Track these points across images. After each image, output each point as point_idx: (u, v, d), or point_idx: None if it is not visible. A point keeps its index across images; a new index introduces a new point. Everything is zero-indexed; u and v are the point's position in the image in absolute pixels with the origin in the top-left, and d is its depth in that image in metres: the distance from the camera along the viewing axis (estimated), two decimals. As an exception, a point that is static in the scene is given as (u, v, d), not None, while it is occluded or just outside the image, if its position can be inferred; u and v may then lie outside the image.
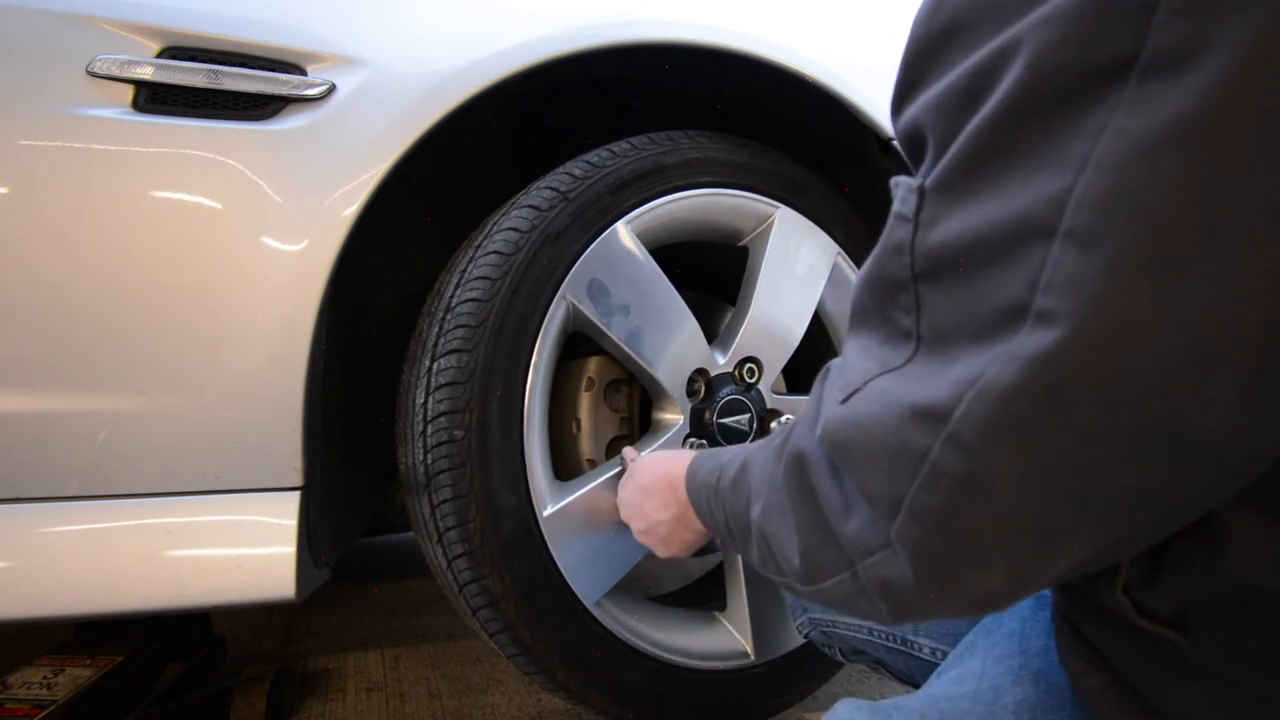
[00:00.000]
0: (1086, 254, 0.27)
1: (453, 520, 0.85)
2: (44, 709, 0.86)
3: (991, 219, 0.30)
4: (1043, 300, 0.28)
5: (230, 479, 0.80)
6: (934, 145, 0.33)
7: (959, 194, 0.32)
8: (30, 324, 0.75)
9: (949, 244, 0.32)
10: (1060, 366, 0.28)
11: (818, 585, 0.43)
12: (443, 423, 0.85)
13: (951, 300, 0.32)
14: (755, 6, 1.03)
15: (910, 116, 0.35)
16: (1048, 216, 0.28)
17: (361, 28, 0.86)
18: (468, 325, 0.87)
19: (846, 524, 0.38)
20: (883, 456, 0.34)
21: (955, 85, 0.32)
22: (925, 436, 0.32)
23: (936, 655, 0.68)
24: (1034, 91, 0.28)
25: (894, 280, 0.35)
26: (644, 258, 0.97)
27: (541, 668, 0.90)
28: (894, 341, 0.36)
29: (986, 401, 0.29)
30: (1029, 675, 0.49)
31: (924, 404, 0.32)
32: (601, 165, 0.95)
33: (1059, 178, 0.28)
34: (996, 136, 0.30)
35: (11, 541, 0.75)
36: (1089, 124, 0.27)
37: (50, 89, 0.76)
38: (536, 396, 0.91)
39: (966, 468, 0.30)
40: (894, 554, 0.35)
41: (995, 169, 0.30)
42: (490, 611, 0.87)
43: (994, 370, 0.29)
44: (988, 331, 0.30)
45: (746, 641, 1.02)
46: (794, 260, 1.07)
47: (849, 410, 0.37)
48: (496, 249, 0.90)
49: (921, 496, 0.32)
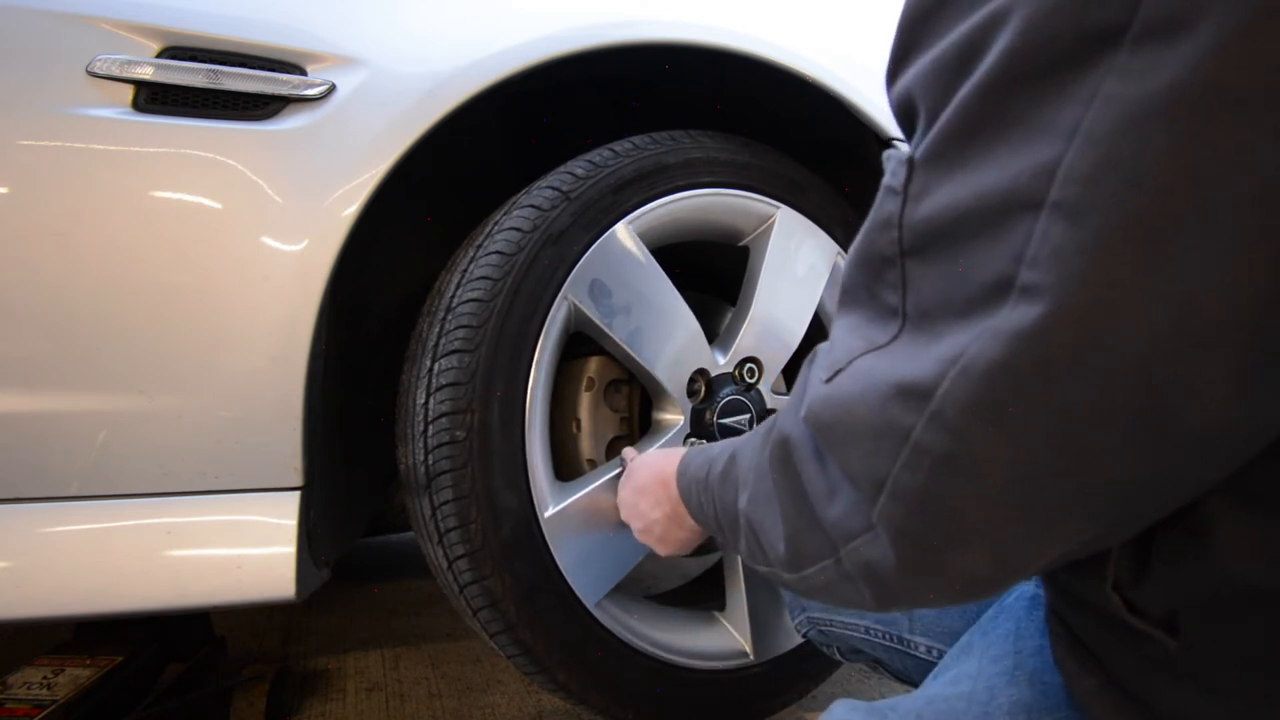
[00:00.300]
0: (1074, 226, 0.26)
1: (454, 521, 0.85)
2: (44, 709, 0.86)
3: (980, 190, 0.29)
4: (1028, 274, 0.27)
5: (230, 479, 0.80)
6: (925, 115, 0.33)
7: (948, 165, 0.31)
8: (30, 324, 0.75)
9: (937, 217, 0.31)
10: (1045, 342, 0.27)
11: (802, 573, 0.42)
12: (444, 423, 0.85)
13: (938, 275, 0.32)
14: (755, 6, 1.03)
15: (902, 86, 0.34)
16: (1036, 188, 0.27)
17: (361, 28, 0.86)
18: (469, 325, 0.87)
19: (830, 508, 0.38)
20: (866, 436, 0.33)
21: (946, 53, 0.31)
22: (908, 415, 0.31)
23: (933, 654, 0.68)
24: (1025, 59, 0.28)
25: (882, 256, 0.34)
26: (645, 258, 0.97)
27: (542, 668, 0.90)
28: (880, 319, 0.35)
29: (970, 379, 0.29)
30: (1024, 676, 0.49)
31: (908, 382, 0.31)
32: (603, 165, 0.95)
33: (1048, 148, 0.27)
34: (986, 105, 0.29)
35: (11, 541, 0.75)
36: (1080, 92, 0.26)
37: (50, 89, 0.76)
38: (538, 397, 0.91)
39: (949, 447, 0.30)
40: (876, 536, 0.35)
41: (985, 139, 0.29)
42: (491, 612, 0.87)
43: (977, 347, 0.29)
44: (972, 307, 0.30)
45: (746, 641, 1.02)
46: (794, 260, 1.07)
47: (833, 389, 0.36)
48: (498, 249, 0.89)
49: (904, 476, 0.32)
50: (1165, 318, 0.25)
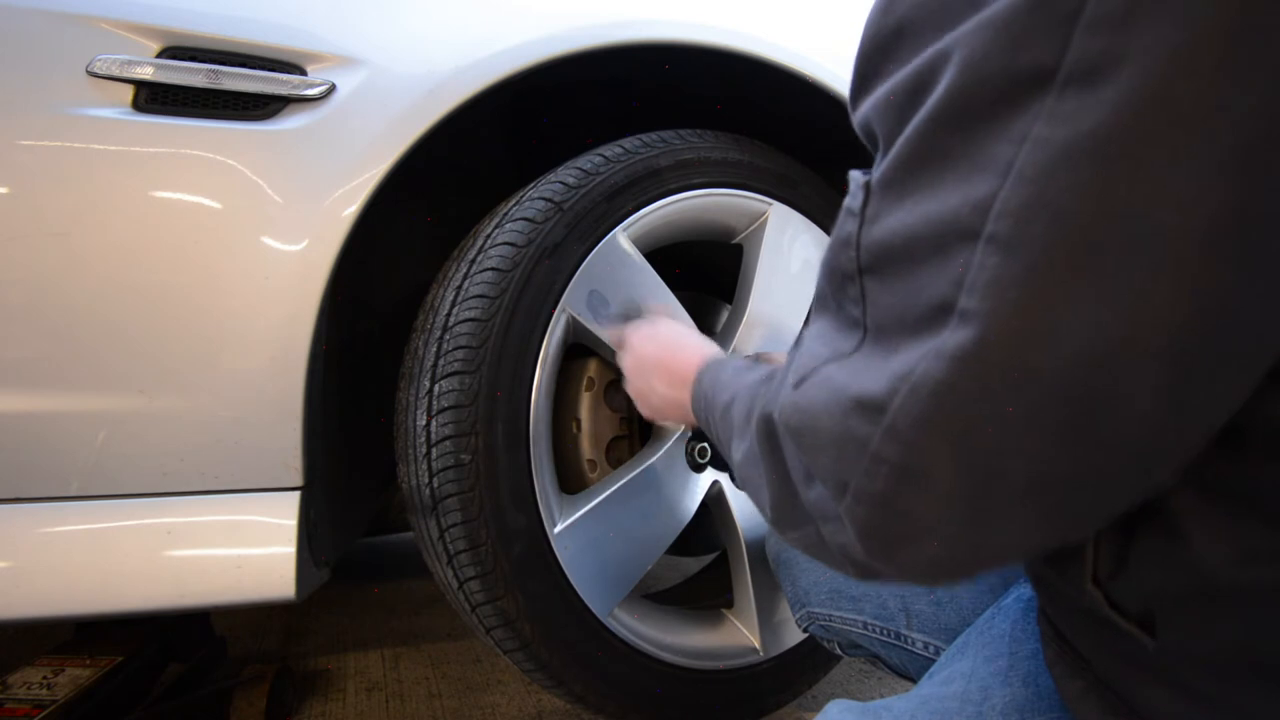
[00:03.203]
0: (1006, 259, 0.28)
1: (463, 544, 0.85)
2: (44, 709, 0.86)
3: (927, 218, 0.31)
4: (965, 300, 0.29)
5: (230, 479, 0.80)
6: (882, 142, 0.35)
7: (899, 193, 0.33)
8: (30, 324, 0.75)
9: (888, 240, 0.33)
10: (980, 364, 0.29)
11: (787, 534, 0.45)
12: (448, 446, 0.84)
13: (892, 294, 0.34)
14: (755, 7, 1.03)
15: (862, 113, 0.36)
16: (973, 220, 0.29)
17: (361, 27, 0.86)
18: (468, 346, 0.86)
19: (808, 491, 0.40)
20: (830, 444, 0.36)
21: (899, 86, 0.33)
22: (866, 426, 0.33)
23: (930, 650, 0.69)
24: (965, 97, 0.29)
25: (843, 272, 0.37)
26: (641, 265, 0.96)
27: (559, 682, 0.90)
28: (846, 329, 0.37)
29: (919, 396, 0.31)
30: (1018, 676, 0.49)
31: (865, 396, 0.34)
32: (594, 172, 0.94)
33: (986, 183, 0.29)
34: (932, 139, 0.31)
35: (12, 541, 0.75)
36: (1013, 132, 0.28)
37: (50, 89, 0.76)
38: (542, 413, 0.90)
39: (903, 457, 0.32)
40: (844, 527, 0.37)
41: (932, 170, 0.31)
42: (505, 631, 0.87)
43: (924, 366, 0.31)
44: (921, 327, 0.32)
45: (755, 638, 1.03)
46: (789, 256, 1.07)
47: (800, 396, 0.39)
48: (493, 265, 0.88)
49: (864, 482, 0.34)
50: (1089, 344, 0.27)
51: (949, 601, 0.67)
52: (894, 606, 0.71)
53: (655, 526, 0.97)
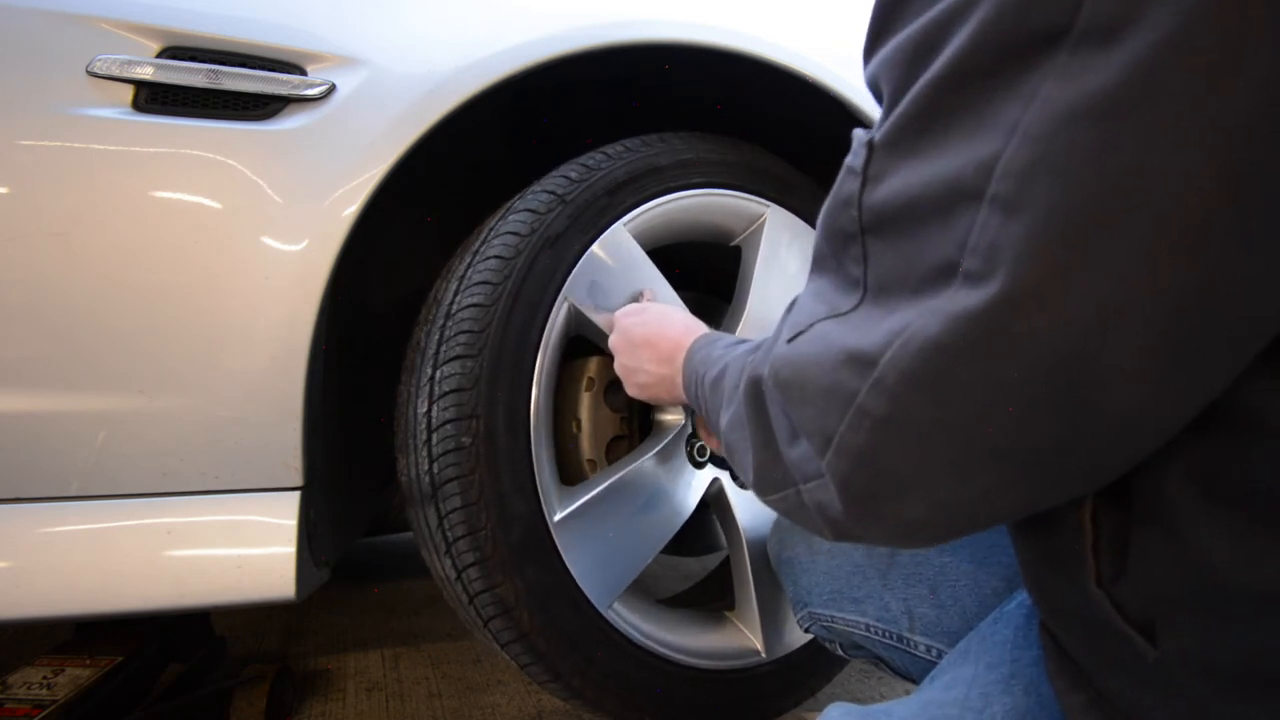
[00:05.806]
0: (1009, 220, 0.28)
1: (463, 529, 0.84)
2: (44, 709, 0.86)
3: (930, 179, 0.31)
4: (969, 261, 0.29)
5: (230, 479, 0.80)
6: (887, 100, 0.34)
7: (903, 152, 0.32)
8: (30, 324, 0.75)
9: (892, 200, 0.33)
10: (979, 325, 0.29)
11: (768, 497, 0.45)
12: (449, 430, 0.84)
13: (894, 254, 0.33)
14: (755, 7, 1.03)
15: (872, 69, 0.36)
16: (978, 181, 0.29)
17: (361, 27, 0.86)
18: (471, 331, 0.86)
19: (791, 450, 0.40)
20: (818, 396, 0.36)
21: (908, 42, 0.32)
22: (855, 380, 0.33)
23: (932, 654, 0.68)
24: (976, 56, 0.29)
25: (845, 231, 0.36)
26: (642, 259, 0.97)
27: (556, 675, 0.89)
28: (846, 288, 0.37)
29: (910, 351, 0.31)
30: (1020, 684, 0.49)
31: (857, 350, 0.34)
32: (596, 168, 0.95)
33: (991, 142, 0.28)
34: (939, 98, 0.30)
35: (12, 541, 0.75)
36: (1021, 91, 0.27)
37: (50, 89, 0.76)
38: (543, 400, 0.90)
39: (887, 410, 0.32)
40: (826, 484, 0.37)
41: (937, 130, 0.31)
42: (503, 620, 0.86)
43: (920, 323, 0.31)
44: (922, 286, 0.32)
45: (757, 639, 1.03)
46: (786, 259, 1.08)
47: (792, 350, 0.39)
48: (496, 253, 0.89)
49: (848, 435, 0.34)
50: (1088, 309, 0.27)
51: (952, 605, 0.67)
52: (896, 609, 0.71)
53: (654, 519, 0.97)
